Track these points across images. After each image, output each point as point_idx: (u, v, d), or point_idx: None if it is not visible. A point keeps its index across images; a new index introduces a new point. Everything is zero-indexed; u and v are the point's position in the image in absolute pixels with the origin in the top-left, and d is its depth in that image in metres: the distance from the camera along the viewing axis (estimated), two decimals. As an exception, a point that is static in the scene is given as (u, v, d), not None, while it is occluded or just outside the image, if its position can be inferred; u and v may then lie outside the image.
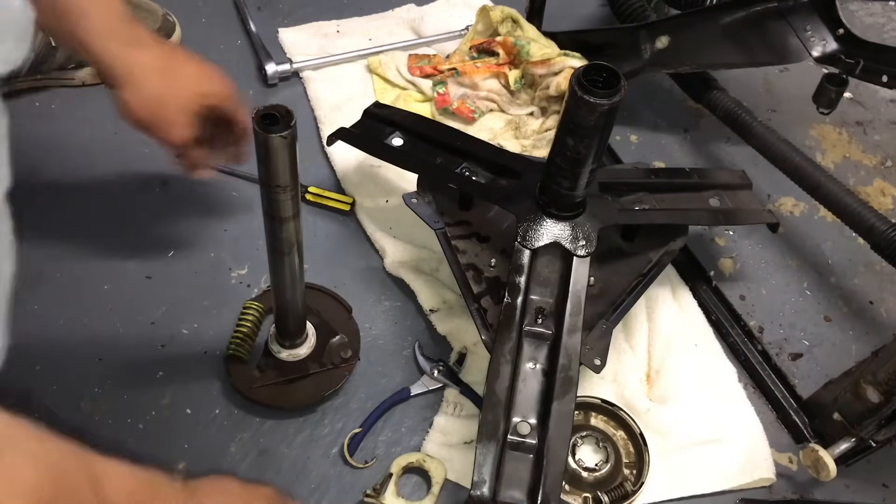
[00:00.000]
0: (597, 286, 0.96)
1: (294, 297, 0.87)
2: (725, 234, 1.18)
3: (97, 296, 1.02)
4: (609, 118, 0.81)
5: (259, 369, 0.94)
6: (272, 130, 0.67)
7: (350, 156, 1.16)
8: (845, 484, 0.95)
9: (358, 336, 0.99)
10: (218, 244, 1.08)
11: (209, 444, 0.92)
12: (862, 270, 1.16)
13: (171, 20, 1.30)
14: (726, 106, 1.19)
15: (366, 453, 0.92)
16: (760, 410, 0.99)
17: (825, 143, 1.33)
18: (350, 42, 1.35)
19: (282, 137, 0.67)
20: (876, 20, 1.55)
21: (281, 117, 0.67)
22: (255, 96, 1.28)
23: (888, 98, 1.41)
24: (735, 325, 1.07)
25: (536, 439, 0.81)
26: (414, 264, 1.07)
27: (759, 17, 1.17)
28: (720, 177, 1.10)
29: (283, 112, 0.67)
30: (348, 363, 0.96)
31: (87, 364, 0.96)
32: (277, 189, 0.72)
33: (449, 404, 0.97)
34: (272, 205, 0.74)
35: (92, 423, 0.91)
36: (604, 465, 0.91)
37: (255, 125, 0.66)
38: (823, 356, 1.06)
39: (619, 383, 0.99)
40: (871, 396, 0.86)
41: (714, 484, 0.93)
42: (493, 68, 1.28)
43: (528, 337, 0.88)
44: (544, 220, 0.91)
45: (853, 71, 1.13)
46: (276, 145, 0.67)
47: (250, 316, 0.97)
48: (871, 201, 1.21)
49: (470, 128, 1.24)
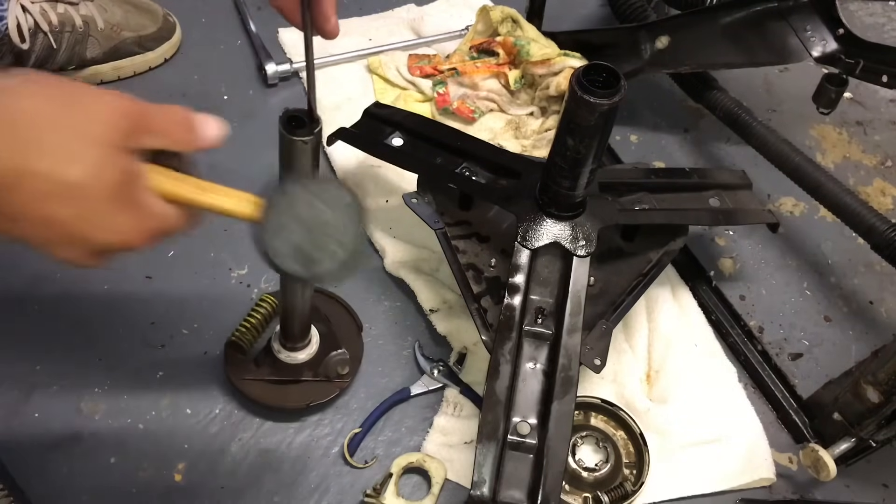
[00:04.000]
0: (597, 286, 0.96)
1: (301, 303, 0.87)
2: (725, 234, 1.18)
3: (97, 296, 1.02)
4: (609, 118, 0.81)
5: (255, 363, 0.94)
6: (297, 133, 0.66)
7: (350, 156, 1.16)
8: (845, 484, 0.95)
9: (361, 355, 0.98)
10: (218, 244, 1.08)
11: (209, 444, 0.92)
12: (862, 270, 1.16)
13: (172, 20, 1.30)
14: (726, 106, 1.19)
15: (366, 453, 0.92)
16: (760, 410, 0.99)
17: (825, 143, 1.33)
18: (350, 42, 1.35)
19: (303, 142, 0.67)
20: (876, 20, 1.55)
21: (307, 121, 0.67)
22: (255, 96, 1.28)
23: (888, 98, 1.41)
24: (735, 325, 1.07)
25: (536, 439, 0.81)
26: (414, 264, 1.07)
27: (759, 17, 1.17)
28: (720, 177, 1.10)
29: (310, 116, 0.67)
30: (342, 380, 0.95)
31: (87, 364, 0.96)
32: None
33: (449, 404, 0.97)
34: None
35: (92, 423, 0.92)
36: (604, 465, 0.91)
37: (281, 126, 0.66)
38: (823, 356, 1.06)
39: (619, 383, 0.99)
40: (871, 396, 0.86)
41: (714, 484, 0.93)
42: (493, 68, 1.28)
43: (528, 337, 0.88)
44: (544, 220, 0.91)
45: (853, 71, 1.13)
46: (299, 149, 0.67)
47: (262, 309, 0.97)
48: (871, 201, 1.21)
49: (470, 128, 1.24)
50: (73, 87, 0.53)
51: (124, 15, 1.24)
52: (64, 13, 1.17)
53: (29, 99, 0.51)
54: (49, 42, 1.16)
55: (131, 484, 0.88)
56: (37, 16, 1.14)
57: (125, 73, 1.26)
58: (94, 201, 0.52)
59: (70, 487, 0.87)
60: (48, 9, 1.16)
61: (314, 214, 0.59)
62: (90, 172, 0.51)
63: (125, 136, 0.54)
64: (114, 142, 0.53)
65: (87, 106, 0.52)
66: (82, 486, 0.87)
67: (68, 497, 0.87)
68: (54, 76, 0.54)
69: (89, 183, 0.51)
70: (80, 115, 0.52)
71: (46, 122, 0.51)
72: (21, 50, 1.14)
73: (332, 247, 0.60)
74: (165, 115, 0.57)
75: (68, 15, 1.18)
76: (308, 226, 0.59)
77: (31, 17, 1.14)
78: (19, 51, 1.14)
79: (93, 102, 0.53)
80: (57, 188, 0.51)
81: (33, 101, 0.51)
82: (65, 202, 0.51)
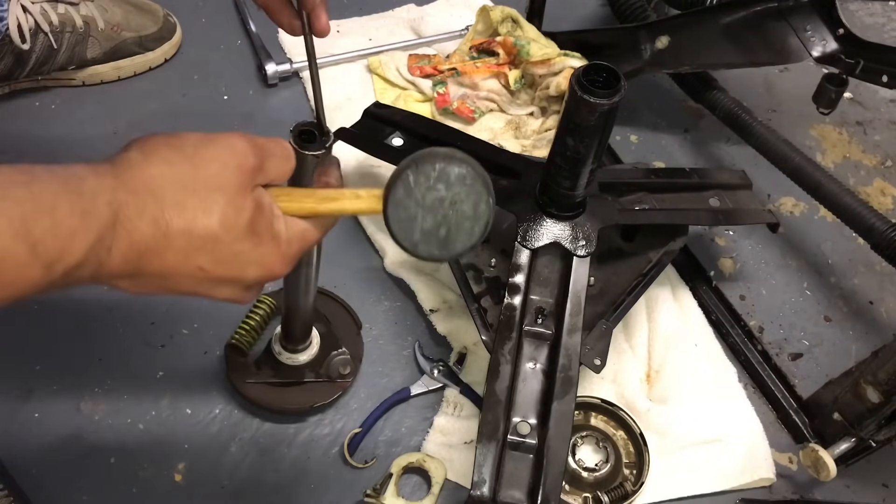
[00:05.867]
0: (597, 286, 0.96)
1: (304, 306, 0.87)
2: (725, 234, 1.18)
3: (97, 296, 1.02)
4: (609, 118, 0.81)
5: (256, 366, 0.94)
6: (308, 148, 0.66)
7: (350, 156, 1.16)
8: (845, 484, 0.95)
9: (361, 355, 0.98)
10: (218, 244, 1.08)
11: (209, 444, 0.92)
12: (862, 270, 1.16)
13: (172, 20, 1.30)
14: (726, 106, 1.19)
15: (366, 453, 0.92)
16: (760, 410, 0.99)
17: (825, 143, 1.33)
18: (350, 42, 1.35)
19: (314, 156, 0.67)
20: (876, 20, 1.55)
21: (318, 135, 0.67)
22: (255, 96, 1.28)
23: (888, 98, 1.41)
24: (735, 325, 1.07)
25: (536, 439, 0.81)
26: (414, 264, 1.07)
27: (759, 17, 1.17)
28: (720, 177, 1.10)
29: (321, 129, 0.67)
30: (344, 380, 0.95)
31: (87, 364, 0.96)
32: None
33: (449, 404, 0.97)
34: None
35: (92, 423, 0.92)
36: (604, 465, 0.91)
37: (292, 140, 0.66)
38: (823, 356, 1.06)
39: (619, 383, 0.99)
40: (871, 396, 0.86)
41: (714, 484, 0.93)
42: (493, 68, 1.28)
43: (528, 337, 0.88)
44: (544, 219, 0.91)
45: (853, 71, 1.13)
46: (309, 163, 0.67)
47: (261, 310, 0.97)
48: (871, 201, 1.21)
49: (470, 128, 1.24)
50: (191, 142, 0.55)
51: (125, 15, 1.24)
52: (64, 13, 1.17)
53: (157, 166, 0.53)
54: (50, 42, 1.16)
55: (131, 484, 0.88)
56: (37, 16, 1.14)
57: (125, 73, 1.26)
58: (234, 243, 0.55)
59: (70, 487, 0.87)
60: (49, 9, 1.16)
61: (435, 196, 0.58)
62: (224, 218, 0.54)
63: (250, 176, 0.56)
64: (240, 185, 0.55)
65: (207, 159, 0.55)
66: (82, 486, 0.87)
67: (68, 497, 0.87)
68: (164, 135, 0.56)
69: (226, 227, 0.54)
70: (203, 169, 0.54)
71: (176, 184, 0.53)
72: (21, 50, 1.14)
73: (466, 224, 0.59)
74: (277, 150, 0.59)
75: (69, 15, 1.18)
76: (432, 209, 0.58)
77: (32, 18, 1.14)
78: (20, 51, 1.14)
79: (212, 153, 0.55)
80: (198, 241, 0.53)
81: (160, 168, 0.53)
82: (208, 250, 0.54)
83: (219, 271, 0.55)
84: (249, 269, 0.57)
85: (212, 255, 0.54)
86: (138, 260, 0.52)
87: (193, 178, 0.54)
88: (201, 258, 0.54)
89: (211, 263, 0.55)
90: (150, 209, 0.52)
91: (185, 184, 0.53)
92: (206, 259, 0.54)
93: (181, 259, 0.54)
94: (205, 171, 0.54)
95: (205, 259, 0.54)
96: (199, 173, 0.54)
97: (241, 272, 0.57)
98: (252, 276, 0.58)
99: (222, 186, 0.54)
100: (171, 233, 0.52)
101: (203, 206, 0.53)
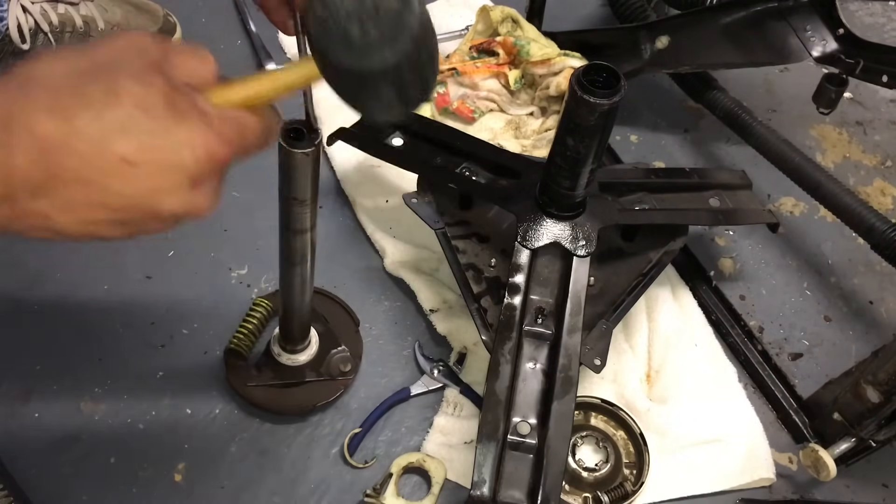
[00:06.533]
0: (597, 286, 0.96)
1: (301, 305, 0.87)
2: (725, 234, 1.18)
3: (97, 296, 1.02)
4: (609, 118, 0.81)
5: (256, 368, 0.94)
6: (297, 146, 0.66)
7: (350, 156, 1.16)
8: (845, 484, 0.95)
9: (361, 352, 0.98)
10: (218, 244, 1.08)
11: (209, 444, 0.92)
12: (862, 270, 1.15)
13: (172, 20, 1.30)
14: (726, 106, 1.19)
15: (366, 453, 0.92)
16: (760, 410, 0.99)
17: (825, 143, 1.33)
18: (350, 42, 1.35)
19: (304, 154, 0.66)
20: (876, 20, 1.55)
21: (307, 132, 0.67)
22: (255, 96, 1.28)
23: (888, 98, 1.41)
24: (735, 325, 1.07)
25: (536, 439, 0.81)
26: (414, 264, 1.07)
27: (759, 17, 1.17)
28: (720, 177, 1.10)
29: (310, 127, 0.67)
30: (346, 377, 0.95)
31: (87, 364, 0.96)
32: (295, 202, 0.71)
33: (449, 404, 0.97)
34: (289, 216, 0.74)
35: (92, 423, 0.92)
36: (604, 465, 0.91)
37: (281, 139, 0.66)
38: (823, 356, 1.06)
39: (619, 383, 0.99)
40: (871, 396, 0.86)
41: (714, 484, 0.93)
42: (493, 68, 1.28)
43: (528, 337, 0.88)
44: (544, 219, 0.91)
45: (853, 71, 1.13)
46: (298, 161, 0.67)
47: (257, 313, 0.97)
48: (871, 201, 1.21)
49: (470, 128, 1.24)
50: (86, 45, 0.51)
51: (125, 15, 1.24)
52: (64, 13, 1.17)
53: (45, 62, 0.48)
54: (50, 42, 1.16)
55: (131, 484, 0.88)
56: (37, 16, 1.15)
57: (125, 74, 1.26)
58: (153, 121, 0.48)
59: (70, 487, 0.87)
60: (49, 9, 1.16)
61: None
62: (133, 96, 0.47)
63: (153, 63, 0.50)
64: (143, 66, 0.49)
65: (103, 50, 0.50)
66: (82, 486, 0.87)
67: (68, 497, 0.87)
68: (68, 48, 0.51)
69: (138, 104, 0.47)
70: (100, 56, 0.49)
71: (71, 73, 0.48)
72: (21, 50, 1.14)
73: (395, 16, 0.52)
74: (185, 47, 0.54)
75: (69, 15, 1.18)
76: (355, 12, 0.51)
77: (32, 18, 1.14)
78: (20, 51, 1.14)
79: (109, 44, 0.50)
80: (109, 124, 0.47)
81: (49, 63, 0.48)
82: (125, 133, 0.47)
83: (146, 158, 0.47)
84: (183, 151, 0.48)
85: (131, 140, 0.47)
86: (46, 160, 0.46)
87: (90, 65, 0.48)
88: (120, 145, 0.46)
89: (134, 151, 0.47)
90: (43, 99, 0.46)
91: (81, 71, 0.47)
92: (127, 145, 0.47)
93: (97, 150, 0.46)
94: (102, 58, 0.48)
95: (125, 145, 0.47)
96: (96, 59, 0.48)
97: (173, 157, 0.48)
98: (189, 161, 0.49)
99: (124, 67, 0.48)
100: (75, 120, 0.46)
101: (106, 88, 0.47)
